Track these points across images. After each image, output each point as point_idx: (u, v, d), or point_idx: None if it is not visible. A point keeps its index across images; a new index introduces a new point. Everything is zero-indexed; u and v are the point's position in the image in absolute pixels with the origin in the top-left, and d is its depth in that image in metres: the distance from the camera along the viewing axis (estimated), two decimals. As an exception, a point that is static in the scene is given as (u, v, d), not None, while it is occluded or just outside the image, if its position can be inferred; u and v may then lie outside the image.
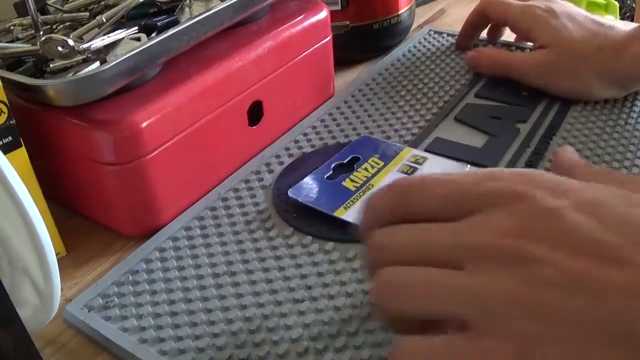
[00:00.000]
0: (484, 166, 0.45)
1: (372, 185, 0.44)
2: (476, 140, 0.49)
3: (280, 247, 0.40)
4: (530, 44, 0.59)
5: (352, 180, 0.44)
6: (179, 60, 0.44)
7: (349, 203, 0.42)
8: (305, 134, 0.52)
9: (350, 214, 0.41)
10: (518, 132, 0.49)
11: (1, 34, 0.48)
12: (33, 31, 0.45)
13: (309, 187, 0.44)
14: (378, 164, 0.45)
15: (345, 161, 0.47)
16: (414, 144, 0.49)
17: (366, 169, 0.45)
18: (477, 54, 0.57)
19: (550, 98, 0.53)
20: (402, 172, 0.45)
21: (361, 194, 0.43)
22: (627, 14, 1.46)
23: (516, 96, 0.54)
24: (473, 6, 0.60)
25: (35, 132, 0.42)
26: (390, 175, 0.45)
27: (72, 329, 0.37)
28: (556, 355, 0.21)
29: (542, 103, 0.53)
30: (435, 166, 0.45)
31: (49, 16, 0.47)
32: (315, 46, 0.53)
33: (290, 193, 0.43)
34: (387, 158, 0.46)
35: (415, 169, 0.45)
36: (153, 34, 0.43)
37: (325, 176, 0.45)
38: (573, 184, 0.25)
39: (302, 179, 0.45)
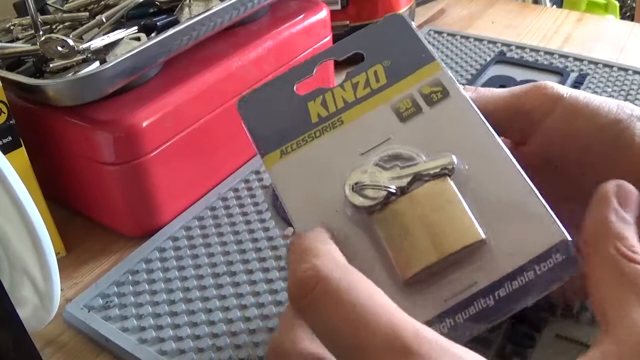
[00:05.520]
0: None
1: (342, 122, 0.29)
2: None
3: (280, 247, 0.40)
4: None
5: (322, 103, 0.29)
6: (179, 60, 0.44)
7: (292, 145, 0.29)
8: (305, 134, 0.51)
9: (281, 166, 0.28)
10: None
11: (1, 34, 0.48)
12: (33, 31, 0.45)
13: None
14: (379, 81, 0.30)
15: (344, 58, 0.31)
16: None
17: (355, 86, 0.30)
18: None
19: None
20: (398, 110, 0.29)
21: (324, 130, 0.29)
22: (627, 14, 1.46)
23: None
24: (473, 6, 0.60)
25: (35, 132, 0.42)
26: (375, 112, 0.29)
27: (72, 329, 0.37)
28: None
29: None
30: (453, 111, 0.28)
31: (49, 16, 0.47)
32: (315, 46, 0.53)
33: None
34: (398, 72, 0.30)
35: (417, 112, 0.29)
36: (153, 34, 0.43)
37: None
38: None
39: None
